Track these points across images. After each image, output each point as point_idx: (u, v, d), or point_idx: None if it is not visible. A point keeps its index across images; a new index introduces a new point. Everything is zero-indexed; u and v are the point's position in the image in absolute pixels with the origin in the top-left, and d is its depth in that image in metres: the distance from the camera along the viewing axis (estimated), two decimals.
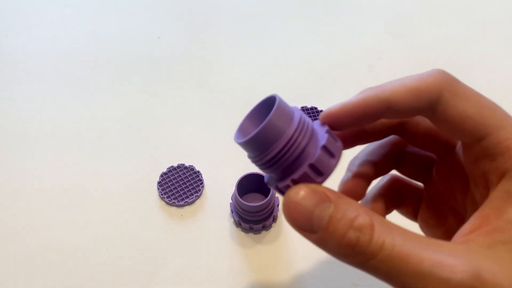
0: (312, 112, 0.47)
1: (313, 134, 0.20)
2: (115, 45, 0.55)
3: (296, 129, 0.19)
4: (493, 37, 0.56)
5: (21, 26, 0.58)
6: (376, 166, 0.25)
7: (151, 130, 0.47)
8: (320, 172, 0.20)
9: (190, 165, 0.43)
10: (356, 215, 0.18)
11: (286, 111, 0.20)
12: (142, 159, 0.45)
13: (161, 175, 0.43)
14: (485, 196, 0.20)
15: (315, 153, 0.19)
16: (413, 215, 0.27)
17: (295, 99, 0.49)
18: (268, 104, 0.21)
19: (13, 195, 0.42)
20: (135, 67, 0.53)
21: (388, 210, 0.27)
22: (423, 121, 0.24)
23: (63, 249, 0.39)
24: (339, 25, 0.58)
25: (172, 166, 0.43)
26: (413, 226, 0.23)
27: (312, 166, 0.19)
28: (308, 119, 0.21)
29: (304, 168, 0.19)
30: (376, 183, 0.28)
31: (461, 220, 0.24)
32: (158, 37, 0.56)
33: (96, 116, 0.48)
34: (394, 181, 0.27)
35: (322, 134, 0.20)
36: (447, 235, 0.25)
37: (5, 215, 0.41)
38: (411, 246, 0.17)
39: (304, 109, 0.47)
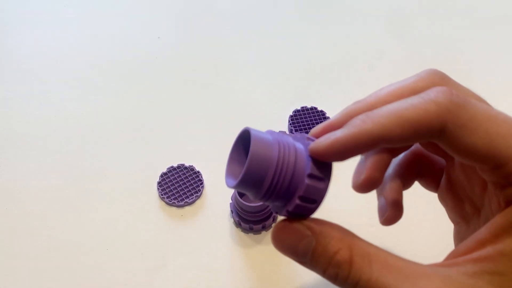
0: (312, 112, 0.47)
1: (297, 154, 0.20)
2: (115, 45, 0.55)
3: (279, 156, 0.19)
4: (493, 37, 0.56)
5: (21, 26, 0.58)
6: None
7: (151, 130, 0.47)
8: (312, 200, 0.20)
9: (190, 165, 0.43)
10: (336, 250, 0.19)
11: (264, 141, 0.19)
12: (142, 159, 0.45)
13: (161, 175, 0.43)
14: (504, 206, 0.20)
15: (303, 179, 0.19)
16: (433, 189, 0.26)
17: (295, 99, 0.49)
18: (244, 138, 0.21)
19: (13, 195, 0.42)
20: (135, 67, 0.53)
21: (410, 181, 0.26)
22: None
23: (63, 249, 0.39)
24: (339, 24, 0.58)
25: (172, 166, 0.43)
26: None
27: (303, 198, 0.19)
28: (287, 138, 0.21)
29: (296, 201, 0.19)
30: (399, 156, 0.26)
31: (478, 211, 0.23)
32: (158, 37, 0.56)
33: (96, 116, 0.48)
34: (416, 153, 0.26)
35: (306, 156, 0.20)
36: (464, 220, 0.25)
37: (5, 215, 0.41)
38: (388, 278, 0.18)
39: (304, 109, 0.47)
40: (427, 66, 0.23)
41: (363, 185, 0.21)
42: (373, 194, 0.26)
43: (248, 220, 0.38)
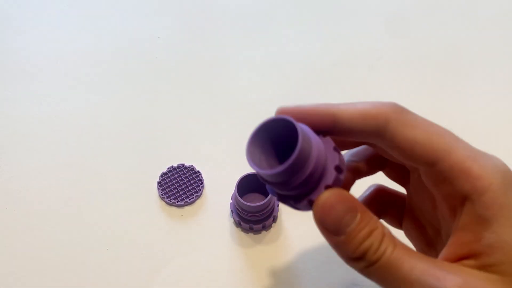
0: None
1: (321, 145, 0.21)
2: (115, 45, 0.55)
3: (316, 148, 0.20)
4: (493, 37, 0.56)
5: (21, 26, 0.58)
6: (359, 167, 0.26)
7: (151, 130, 0.47)
8: (342, 170, 0.21)
9: (190, 165, 0.43)
10: (376, 227, 0.20)
11: (306, 134, 0.20)
12: (142, 159, 0.45)
13: (161, 175, 0.43)
14: (452, 215, 0.21)
15: (332, 170, 0.21)
16: (398, 224, 0.28)
17: (295, 99, 0.49)
18: (269, 127, 0.21)
19: (13, 195, 0.42)
20: (135, 67, 0.53)
21: None
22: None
23: (63, 249, 0.39)
24: (339, 25, 0.58)
25: (172, 166, 0.43)
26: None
27: (338, 168, 0.20)
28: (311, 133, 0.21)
29: (334, 173, 0.20)
30: (361, 194, 0.29)
31: (438, 233, 0.25)
32: (158, 37, 0.56)
33: (96, 116, 0.48)
34: (379, 191, 0.28)
35: (330, 147, 0.21)
36: (430, 248, 0.26)
37: (5, 215, 0.41)
38: (408, 257, 0.20)
39: None
40: (427, 66, 0.23)
41: None
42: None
43: (248, 220, 0.38)
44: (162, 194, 0.41)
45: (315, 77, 0.52)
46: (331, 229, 0.20)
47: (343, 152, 0.25)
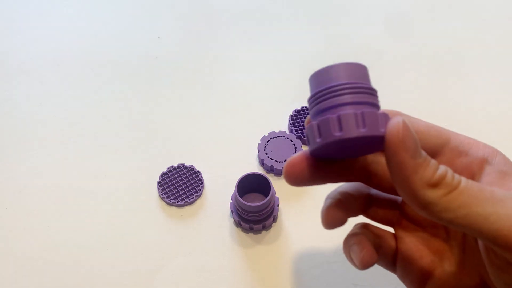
0: None
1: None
2: (115, 45, 0.55)
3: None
4: (493, 36, 0.56)
5: (21, 26, 0.58)
6: (351, 205, 0.26)
7: (151, 130, 0.47)
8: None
9: (190, 165, 0.43)
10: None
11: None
12: (142, 159, 0.45)
13: (161, 175, 0.43)
14: None
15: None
16: (392, 267, 0.27)
17: (294, 99, 0.49)
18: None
19: (13, 195, 0.42)
20: (135, 67, 0.53)
21: None
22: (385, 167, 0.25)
23: (63, 249, 0.39)
24: (339, 24, 0.58)
25: (172, 166, 0.43)
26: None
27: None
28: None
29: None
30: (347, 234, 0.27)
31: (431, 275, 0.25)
32: (158, 37, 0.56)
33: (96, 116, 0.48)
34: (366, 229, 0.27)
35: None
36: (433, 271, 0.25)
37: (5, 215, 0.41)
38: (481, 185, 0.20)
39: (304, 108, 0.47)
40: (427, 66, 0.24)
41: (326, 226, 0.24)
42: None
43: (248, 220, 0.38)
44: (162, 194, 0.41)
45: None
46: (412, 148, 0.19)
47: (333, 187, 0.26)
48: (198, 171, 0.43)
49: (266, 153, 0.43)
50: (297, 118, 0.46)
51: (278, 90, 0.51)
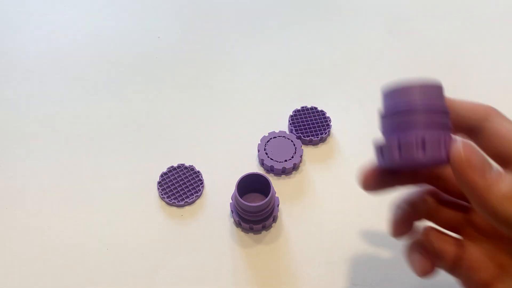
0: (312, 112, 0.47)
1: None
2: (115, 45, 0.55)
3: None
4: (493, 36, 0.56)
5: (21, 26, 0.58)
6: (419, 207, 0.27)
7: (151, 130, 0.47)
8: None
9: (190, 165, 0.43)
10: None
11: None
12: (142, 159, 0.45)
13: (161, 175, 0.43)
14: None
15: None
16: (450, 270, 0.26)
17: (295, 99, 0.49)
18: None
19: (13, 195, 0.42)
20: (135, 67, 0.53)
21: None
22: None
23: (63, 249, 0.39)
24: (339, 25, 0.58)
25: (172, 166, 0.43)
26: None
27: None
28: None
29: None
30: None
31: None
32: (158, 37, 0.56)
33: (96, 116, 0.48)
34: (429, 231, 0.27)
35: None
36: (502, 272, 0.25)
37: (5, 215, 0.41)
38: None
39: (304, 109, 0.47)
40: (427, 66, 0.24)
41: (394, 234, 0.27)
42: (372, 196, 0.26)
43: (248, 220, 0.38)
44: (162, 194, 0.41)
45: (315, 77, 0.52)
46: (479, 166, 0.20)
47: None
48: (198, 171, 0.43)
49: (266, 153, 0.43)
50: (297, 118, 0.46)
51: (278, 90, 0.51)
